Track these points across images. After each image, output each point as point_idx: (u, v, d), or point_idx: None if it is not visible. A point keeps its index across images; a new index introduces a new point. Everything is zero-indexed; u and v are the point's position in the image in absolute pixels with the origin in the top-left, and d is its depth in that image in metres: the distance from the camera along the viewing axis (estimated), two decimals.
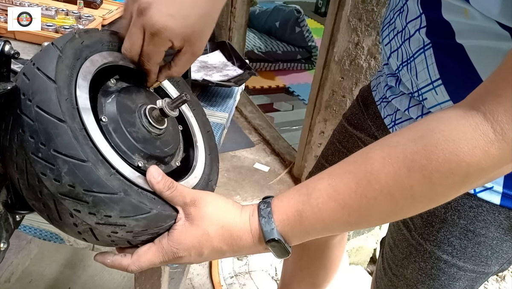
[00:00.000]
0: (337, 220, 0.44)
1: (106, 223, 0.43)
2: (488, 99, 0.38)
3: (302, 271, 1.09)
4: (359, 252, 1.70)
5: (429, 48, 0.55)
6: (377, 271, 0.78)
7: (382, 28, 0.70)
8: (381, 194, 0.41)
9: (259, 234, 0.46)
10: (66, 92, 0.43)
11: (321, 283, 1.11)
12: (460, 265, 0.62)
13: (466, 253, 0.61)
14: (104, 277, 1.38)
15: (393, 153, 0.41)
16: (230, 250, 0.47)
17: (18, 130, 0.41)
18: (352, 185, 0.42)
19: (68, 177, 0.40)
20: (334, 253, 1.04)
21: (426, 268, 0.65)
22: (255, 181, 1.97)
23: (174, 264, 0.49)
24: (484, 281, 0.66)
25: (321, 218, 0.44)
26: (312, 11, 4.59)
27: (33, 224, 0.64)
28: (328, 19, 1.62)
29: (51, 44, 0.45)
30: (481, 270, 0.63)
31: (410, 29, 0.58)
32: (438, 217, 0.61)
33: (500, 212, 0.56)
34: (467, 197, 0.57)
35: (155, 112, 0.52)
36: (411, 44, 0.58)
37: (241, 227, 0.47)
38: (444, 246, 0.62)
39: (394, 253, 0.70)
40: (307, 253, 1.05)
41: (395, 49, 0.64)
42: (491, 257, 0.61)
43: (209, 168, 0.59)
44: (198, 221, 0.47)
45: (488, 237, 0.59)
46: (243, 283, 1.44)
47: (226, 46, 1.05)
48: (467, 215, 0.58)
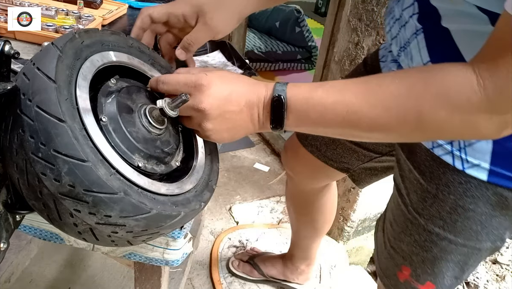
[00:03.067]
0: (336, 111, 0.50)
1: (106, 223, 0.43)
2: (476, 58, 0.46)
3: (303, 217, 1.23)
4: (359, 252, 1.70)
5: (420, 33, 0.60)
6: (378, 245, 0.82)
7: (385, 17, 0.74)
8: (380, 104, 0.48)
9: (270, 93, 0.52)
10: (66, 92, 0.43)
11: (321, 226, 1.23)
12: (451, 239, 0.66)
13: (456, 227, 0.64)
14: (104, 277, 1.38)
15: (401, 77, 0.49)
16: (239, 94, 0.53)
17: (18, 130, 0.41)
18: (362, 90, 0.50)
19: (68, 177, 0.40)
20: (325, 198, 1.15)
21: (420, 241, 0.69)
22: (255, 181, 1.97)
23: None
24: (480, 258, 0.69)
25: (324, 103, 0.50)
26: (312, 11, 4.59)
27: (33, 224, 0.64)
28: (328, 19, 1.62)
29: (51, 44, 0.45)
30: (472, 244, 0.66)
31: (405, 16, 0.64)
32: (431, 193, 0.65)
33: (488, 188, 0.60)
34: (456, 174, 0.61)
35: (155, 112, 0.52)
36: (407, 30, 0.63)
37: (258, 84, 0.54)
38: (436, 220, 0.66)
39: (393, 227, 0.75)
40: (303, 202, 1.18)
41: (394, 36, 0.69)
42: (481, 232, 0.64)
43: (209, 168, 0.59)
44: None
45: (477, 212, 0.62)
46: (243, 282, 1.45)
47: (226, 46, 1.05)
48: (457, 191, 0.62)
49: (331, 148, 0.95)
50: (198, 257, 1.53)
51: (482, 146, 0.57)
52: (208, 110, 0.52)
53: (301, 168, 1.07)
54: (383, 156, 0.90)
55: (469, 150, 0.59)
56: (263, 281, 1.45)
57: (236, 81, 0.54)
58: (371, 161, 0.93)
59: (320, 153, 0.97)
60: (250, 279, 1.45)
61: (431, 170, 0.64)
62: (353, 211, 1.55)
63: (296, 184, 1.14)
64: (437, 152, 0.62)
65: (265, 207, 1.82)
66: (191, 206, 0.51)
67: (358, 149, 0.92)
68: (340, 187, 1.55)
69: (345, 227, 1.61)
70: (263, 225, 1.72)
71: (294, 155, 1.05)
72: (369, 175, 0.97)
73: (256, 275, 1.43)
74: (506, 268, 1.82)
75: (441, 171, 0.63)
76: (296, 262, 1.37)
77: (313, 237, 1.27)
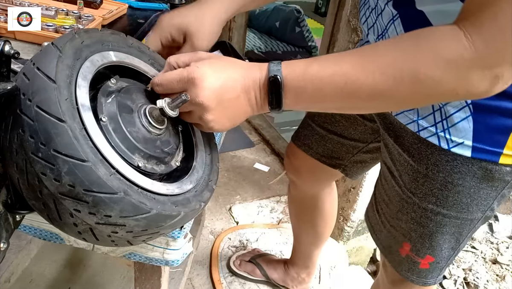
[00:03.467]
0: (334, 83, 0.50)
1: (106, 223, 0.43)
2: (460, 17, 0.48)
3: (304, 223, 1.24)
4: (359, 252, 1.70)
5: (397, 19, 0.63)
6: (375, 225, 0.87)
7: (359, 9, 0.77)
8: (378, 70, 0.49)
9: (265, 74, 0.52)
10: (66, 92, 0.43)
11: (322, 232, 1.24)
12: (444, 213, 0.71)
13: (448, 202, 0.69)
14: (104, 277, 1.38)
15: (394, 43, 0.50)
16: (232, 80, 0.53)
17: (18, 130, 0.41)
18: (357, 59, 0.50)
19: (68, 176, 0.40)
20: (326, 202, 1.17)
21: (416, 218, 0.74)
22: (255, 181, 1.97)
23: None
24: (473, 228, 0.74)
25: (321, 76, 0.50)
26: (312, 11, 4.59)
27: (33, 224, 0.64)
28: (328, 19, 1.62)
29: (51, 44, 0.45)
30: (464, 216, 0.71)
31: (381, 4, 0.66)
32: (421, 173, 0.70)
33: (473, 163, 0.64)
34: (443, 153, 0.66)
35: (155, 112, 0.52)
36: (383, 17, 0.66)
37: (252, 67, 0.55)
38: (429, 197, 0.71)
39: (390, 207, 0.80)
40: (304, 206, 1.20)
41: (371, 25, 0.71)
42: (471, 204, 0.69)
43: (209, 168, 0.59)
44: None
45: (465, 186, 0.67)
46: (243, 282, 1.45)
47: (226, 46, 1.05)
48: (445, 169, 0.67)
49: (321, 144, 0.98)
50: (198, 257, 1.53)
51: (463, 125, 0.62)
52: (206, 103, 0.52)
53: (300, 170, 1.10)
54: (369, 144, 0.94)
55: (453, 130, 0.63)
56: (263, 282, 1.45)
57: (229, 68, 0.54)
58: (359, 152, 0.96)
59: (313, 151, 1.00)
60: (251, 279, 1.45)
61: (419, 151, 0.69)
62: (353, 211, 1.55)
63: (298, 188, 1.16)
64: (423, 135, 0.67)
65: (265, 207, 1.82)
66: (191, 206, 0.51)
67: (345, 141, 0.95)
68: (340, 187, 1.55)
69: (345, 227, 1.61)
70: (263, 225, 1.72)
71: (293, 158, 1.08)
72: (360, 168, 1.01)
73: (258, 275, 1.43)
74: (506, 268, 1.83)
75: (429, 151, 0.68)
76: (298, 270, 1.38)
77: (314, 243, 1.28)
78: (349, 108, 0.57)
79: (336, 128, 0.95)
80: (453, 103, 0.62)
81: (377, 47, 0.52)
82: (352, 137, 0.94)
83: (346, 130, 0.94)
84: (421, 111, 0.66)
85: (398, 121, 0.71)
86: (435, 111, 0.64)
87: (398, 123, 0.71)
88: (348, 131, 0.94)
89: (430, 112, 0.65)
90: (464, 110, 0.62)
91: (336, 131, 0.95)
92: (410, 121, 0.68)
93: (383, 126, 0.78)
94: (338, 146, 0.97)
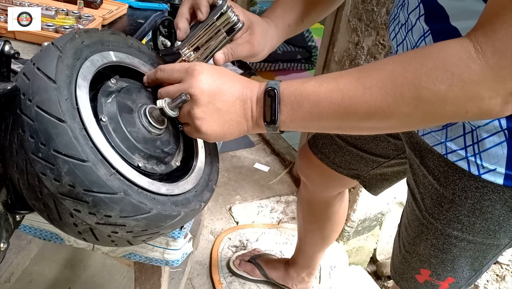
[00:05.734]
0: (330, 99, 0.49)
1: (106, 223, 0.43)
2: (473, 28, 0.44)
3: (311, 225, 1.21)
4: (359, 252, 1.70)
5: (428, 35, 0.59)
6: (394, 249, 0.83)
7: (389, 24, 0.74)
8: (376, 85, 0.46)
9: (264, 88, 0.52)
10: (66, 92, 0.43)
11: (328, 235, 1.21)
12: (470, 239, 0.67)
13: (475, 228, 0.65)
14: (104, 277, 1.38)
15: (396, 58, 0.47)
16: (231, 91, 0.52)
17: (18, 130, 0.41)
18: (356, 74, 0.48)
19: (68, 177, 0.40)
20: (336, 207, 1.13)
21: (438, 244, 0.70)
22: (255, 181, 1.97)
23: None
24: (497, 252, 0.70)
25: (318, 92, 0.49)
26: None
27: (33, 224, 0.64)
28: (328, 19, 1.62)
29: (51, 44, 0.45)
30: (490, 242, 0.67)
31: (412, 19, 0.62)
32: (447, 198, 0.66)
33: (504, 191, 0.60)
34: (472, 179, 0.61)
35: (155, 112, 0.52)
36: (414, 33, 0.62)
37: (253, 81, 0.54)
38: (454, 223, 0.66)
39: (408, 232, 0.75)
40: (313, 208, 1.16)
41: (400, 41, 0.67)
42: (499, 231, 0.65)
43: (209, 167, 0.59)
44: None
45: (495, 214, 0.63)
46: (243, 282, 1.45)
47: None
48: (474, 195, 0.62)
49: (339, 155, 0.95)
50: (198, 257, 1.53)
51: (497, 151, 0.58)
52: (198, 96, 0.51)
53: (314, 175, 1.07)
54: (391, 160, 0.90)
55: (484, 155, 0.59)
56: (263, 282, 1.45)
57: (232, 77, 0.54)
58: (380, 166, 0.92)
59: (329, 160, 0.97)
60: (251, 279, 1.45)
61: (446, 175, 0.65)
62: (353, 211, 1.55)
63: (310, 190, 1.13)
64: (451, 158, 0.62)
65: (265, 207, 1.82)
66: (191, 206, 0.51)
67: (365, 155, 0.91)
68: None
69: (345, 227, 1.61)
70: (263, 225, 1.72)
71: (306, 162, 1.05)
72: (380, 180, 0.97)
73: (258, 275, 1.43)
74: (506, 268, 1.82)
75: (457, 176, 0.63)
76: (298, 270, 1.37)
77: (318, 245, 1.26)
78: (347, 128, 0.53)
79: (356, 141, 0.91)
80: (487, 126, 0.57)
81: (378, 63, 0.49)
82: (373, 152, 0.90)
83: (367, 144, 0.90)
84: (450, 132, 0.61)
85: (425, 142, 0.66)
86: (466, 134, 0.59)
87: (425, 144, 0.67)
88: (369, 146, 0.90)
89: (460, 134, 0.60)
90: (498, 135, 0.57)
91: (356, 144, 0.91)
92: (437, 142, 0.63)
93: (409, 146, 0.74)
94: (357, 158, 0.93)
